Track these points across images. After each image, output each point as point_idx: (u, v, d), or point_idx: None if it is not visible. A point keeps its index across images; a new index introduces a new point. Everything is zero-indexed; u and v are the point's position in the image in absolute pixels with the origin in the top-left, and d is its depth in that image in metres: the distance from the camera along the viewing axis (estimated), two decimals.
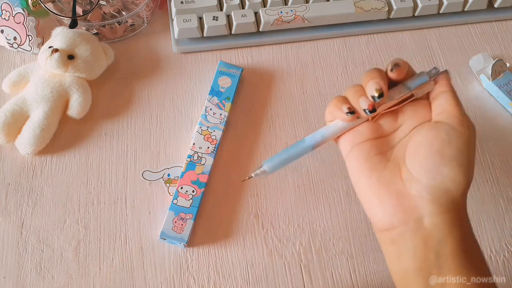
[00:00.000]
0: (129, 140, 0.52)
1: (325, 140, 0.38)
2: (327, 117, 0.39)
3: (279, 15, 0.56)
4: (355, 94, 0.36)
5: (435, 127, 0.35)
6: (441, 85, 0.36)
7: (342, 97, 0.37)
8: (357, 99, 0.36)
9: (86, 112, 0.52)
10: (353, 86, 0.37)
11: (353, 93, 0.36)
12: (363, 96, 0.36)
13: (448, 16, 0.61)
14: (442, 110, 0.35)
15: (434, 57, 0.59)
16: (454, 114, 0.35)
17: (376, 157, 0.36)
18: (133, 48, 0.58)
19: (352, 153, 0.37)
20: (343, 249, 0.47)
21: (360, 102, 0.35)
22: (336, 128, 0.37)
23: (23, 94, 0.51)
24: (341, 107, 0.36)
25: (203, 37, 0.57)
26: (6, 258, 0.45)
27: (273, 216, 0.49)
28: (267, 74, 0.57)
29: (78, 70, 0.51)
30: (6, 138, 0.49)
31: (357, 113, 0.36)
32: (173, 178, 0.50)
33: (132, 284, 0.45)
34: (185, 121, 0.53)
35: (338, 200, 0.50)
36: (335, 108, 0.37)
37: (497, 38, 0.60)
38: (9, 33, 0.55)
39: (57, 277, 0.45)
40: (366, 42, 0.60)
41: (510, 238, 0.48)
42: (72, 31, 0.53)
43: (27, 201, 0.48)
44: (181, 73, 0.56)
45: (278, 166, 0.39)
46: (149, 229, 0.47)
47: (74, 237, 0.47)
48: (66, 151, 0.51)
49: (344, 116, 0.36)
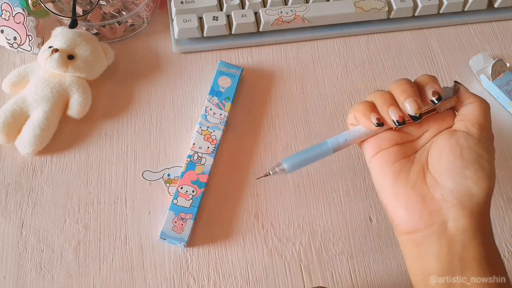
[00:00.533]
0: (129, 140, 0.52)
1: (348, 144, 0.38)
2: (351, 120, 0.38)
3: (279, 15, 0.56)
4: (384, 103, 0.35)
5: (455, 134, 0.35)
6: (468, 97, 0.37)
7: (370, 104, 0.36)
8: (386, 108, 0.35)
9: (86, 112, 0.52)
10: (381, 94, 0.36)
11: (382, 101, 0.36)
12: (393, 106, 0.35)
13: (448, 16, 0.61)
14: (464, 117, 0.36)
15: (434, 57, 0.59)
16: (473, 122, 0.35)
17: (402, 161, 0.36)
18: (133, 48, 0.58)
19: (377, 157, 0.37)
20: (343, 249, 0.47)
21: (390, 113, 0.35)
22: (360, 134, 0.37)
23: (23, 94, 0.51)
24: (369, 116, 0.36)
25: (203, 37, 0.57)
26: (6, 258, 0.45)
27: (273, 216, 0.49)
28: (267, 74, 0.57)
29: (78, 70, 0.51)
30: (6, 138, 0.49)
31: (385, 124, 0.36)
32: (173, 178, 0.50)
33: (132, 284, 0.45)
34: (185, 121, 0.53)
35: (338, 200, 0.50)
36: (363, 116, 0.36)
37: (497, 38, 0.60)
38: (9, 33, 0.55)
39: (57, 277, 0.45)
40: (366, 42, 0.60)
41: (510, 238, 0.48)
42: (72, 31, 0.53)
43: (27, 201, 0.48)
44: (181, 73, 0.56)
45: (297, 166, 0.38)
46: (149, 229, 0.47)
47: (74, 237, 0.47)
48: (66, 151, 0.51)
49: (372, 126, 0.36)
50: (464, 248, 0.33)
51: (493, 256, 0.34)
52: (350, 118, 0.38)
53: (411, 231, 0.35)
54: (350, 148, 0.52)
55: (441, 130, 0.37)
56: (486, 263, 0.33)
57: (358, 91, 0.56)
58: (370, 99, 0.37)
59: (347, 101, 0.55)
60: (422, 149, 0.37)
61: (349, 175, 0.51)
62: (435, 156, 0.35)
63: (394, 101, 0.35)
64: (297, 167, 0.38)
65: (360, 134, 0.37)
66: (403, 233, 0.35)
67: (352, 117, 0.37)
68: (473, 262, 0.33)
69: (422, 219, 0.34)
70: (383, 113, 0.35)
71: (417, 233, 0.34)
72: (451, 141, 0.35)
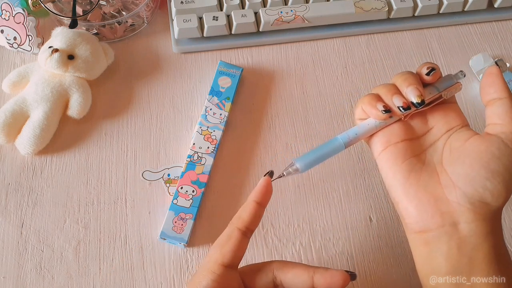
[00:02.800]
0: (129, 140, 0.52)
1: (359, 138, 0.38)
2: (358, 114, 0.38)
3: (279, 15, 0.56)
4: (388, 92, 0.36)
5: (488, 140, 0.34)
6: (496, 90, 0.35)
7: (375, 95, 0.37)
8: (390, 97, 0.36)
9: (86, 112, 0.52)
10: (385, 85, 0.37)
11: (386, 91, 0.37)
12: (397, 94, 0.36)
13: (448, 16, 0.61)
14: (499, 121, 0.34)
15: (434, 57, 0.59)
16: (510, 129, 0.34)
17: (413, 159, 0.36)
18: (133, 48, 0.58)
19: (386, 153, 0.37)
20: (343, 249, 0.47)
21: (394, 100, 0.36)
22: (370, 127, 0.37)
23: (23, 94, 0.51)
24: (375, 105, 0.36)
25: (203, 37, 0.57)
26: (6, 258, 0.45)
27: (273, 216, 0.49)
28: (267, 74, 0.57)
29: (78, 70, 0.51)
30: (6, 138, 0.49)
31: (392, 111, 0.36)
32: (173, 178, 0.50)
33: (132, 284, 0.45)
34: (185, 121, 0.53)
35: (338, 200, 0.50)
36: (369, 106, 0.36)
37: (497, 38, 0.60)
38: (9, 33, 0.55)
39: (57, 277, 0.45)
40: (366, 42, 0.60)
41: (510, 238, 0.48)
42: (72, 31, 0.53)
43: (27, 201, 0.48)
44: (181, 73, 0.56)
45: (311, 164, 0.38)
46: (149, 229, 0.47)
47: (74, 237, 0.47)
48: (66, 151, 0.51)
49: (380, 114, 0.36)
50: (474, 250, 0.33)
51: (503, 258, 0.34)
52: (357, 112, 0.38)
53: (421, 231, 0.35)
54: (350, 148, 0.52)
55: (448, 127, 0.36)
56: (496, 265, 0.33)
57: (358, 91, 0.56)
58: (374, 92, 0.38)
59: (347, 101, 0.55)
60: (433, 148, 0.37)
61: (349, 175, 0.51)
62: (458, 158, 0.35)
63: (397, 90, 0.36)
64: (310, 166, 0.38)
65: (370, 127, 0.37)
66: (413, 232, 0.35)
67: (360, 110, 0.38)
68: (482, 263, 0.33)
69: (433, 219, 0.34)
70: (387, 101, 0.36)
71: (427, 233, 0.34)
72: (482, 147, 0.34)
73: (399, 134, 0.37)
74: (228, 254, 0.34)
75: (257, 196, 0.36)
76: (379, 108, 0.36)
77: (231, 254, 0.34)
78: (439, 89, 0.37)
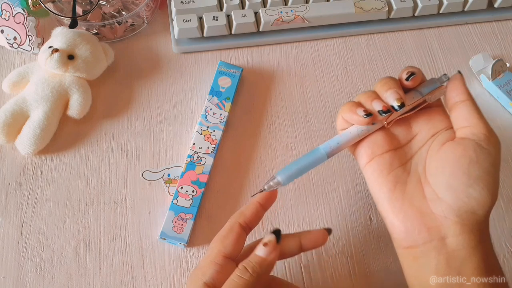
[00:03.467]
0: (129, 140, 0.52)
1: (341, 147, 0.37)
2: (340, 124, 0.38)
3: (279, 15, 0.56)
4: (367, 98, 0.36)
5: (462, 144, 0.34)
6: (458, 93, 0.35)
7: (355, 102, 0.37)
8: (370, 102, 0.35)
9: (86, 112, 0.52)
10: (365, 92, 0.37)
11: (366, 97, 0.36)
12: (376, 99, 0.35)
13: (448, 16, 0.61)
14: (467, 123, 0.34)
15: (434, 57, 0.59)
16: (481, 130, 0.34)
17: (398, 169, 0.36)
18: (133, 48, 0.58)
19: (372, 165, 0.36)
20: (343, 249, 0.47)
21: (374, 105, 0.35)
22: (352, 135, 0.37)
23: (23, 94, 0.51)
24: (356, 111, 0.36)
25: (203, 37, 0.57)
26: (6, 258, 0.45)
27: (273, 216, 0.49)
28: (267, 74, 0.57)
29: (78, 70, 0.51)
30: (6, 138, 0.49)
31: (373, 115, 0.35)
32: (173, 178, 0.50)
33: (132, 284, 0.45)
34: (185, 121, 0.53)
35: (338, 200, 0.50)
36: (350, 112, 0.36)
37: (497, 38, 0.60)
38: (9, 33, 0.55)
39: (57, 277, 0.45)
40: (366, 42, 0.60)
41: (510, 238, 0.48)
42: (72, 31, 0.53)
43: (27, 201, 0.48)
44: (181, 73, 0.56)
45: (293, 176, 0.37)
46: (149, 229, 0.47)
47: (74, 237, 0.47)
48: (66, 151, 0.51)
49: (361, 119, 0.35)
50: (463, 263, 0.33)
51: (493, 269, 0.34)
52: (339, 123, 0.38)
53: (409, 246, 0.34)
54: None
55: (433, 131, 0.36)
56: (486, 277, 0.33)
57: (358, 91, 0.56)
58: (355, 100, 0.37)
59: (347, 101, 0.55)
60: (418, 155, 0.36)
61: (349, 175, 0.51)
62: (437, 168, 0.34)
63: (377, 95, 0.36)
64: (292, 178, 0.37)
65: (352, 135, 0.37)
66: (402, 247, 0.35)
67: (341, 119, 0.37)
68: (472, 275, 0.33)
69: (420, 235, 0.34)
70: (368, 107, 0.36)
71: (415, 248, 0.34)
72: (458, 153, 0.33)
73: (382, 145, 0.36)
74: (230, 246, 0.36)
75: (261, 199, 0.38)
76: (360, 113, 0.35)
77: (232, 246, 0.36)
78: (423, 93, 0.36)
